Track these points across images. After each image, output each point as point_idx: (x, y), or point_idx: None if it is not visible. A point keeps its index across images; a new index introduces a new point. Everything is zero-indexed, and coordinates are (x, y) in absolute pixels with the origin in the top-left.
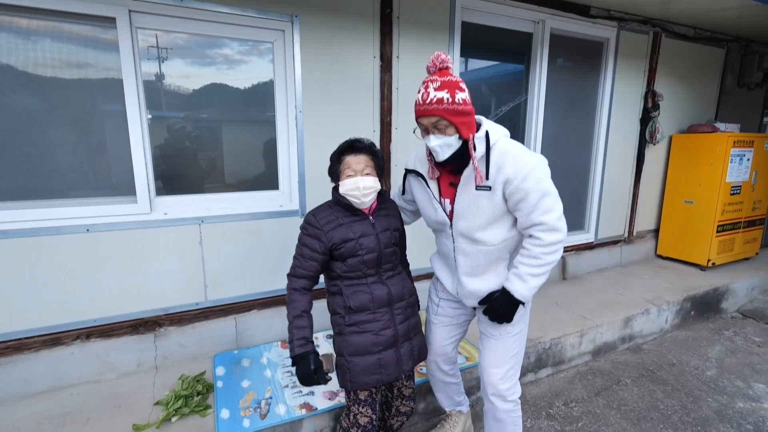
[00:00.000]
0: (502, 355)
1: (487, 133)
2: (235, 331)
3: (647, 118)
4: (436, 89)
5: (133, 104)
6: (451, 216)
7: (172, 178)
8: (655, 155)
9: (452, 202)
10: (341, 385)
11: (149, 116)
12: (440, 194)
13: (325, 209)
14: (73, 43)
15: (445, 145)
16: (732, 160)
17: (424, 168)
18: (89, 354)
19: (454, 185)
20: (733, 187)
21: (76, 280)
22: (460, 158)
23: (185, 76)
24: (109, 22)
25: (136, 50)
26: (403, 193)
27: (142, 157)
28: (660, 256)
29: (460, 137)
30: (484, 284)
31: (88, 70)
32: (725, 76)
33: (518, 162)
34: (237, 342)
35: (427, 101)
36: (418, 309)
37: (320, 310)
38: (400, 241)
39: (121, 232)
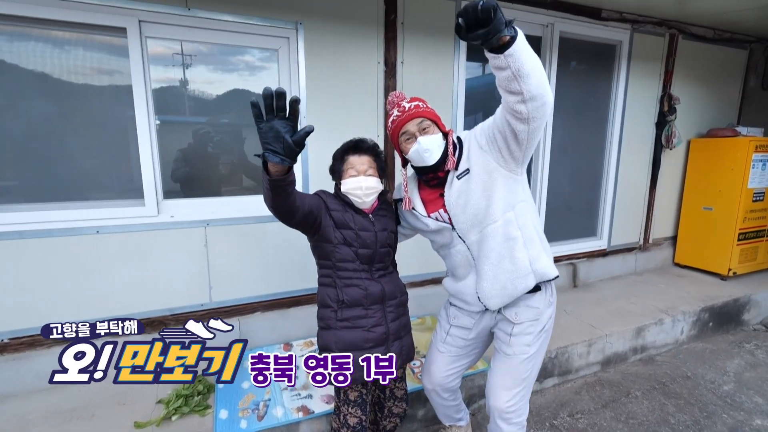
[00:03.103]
0: (514, 377)
1: (458, 137)
2: (238, 333)
3: (663, 122)
4: (408, 101)
5: (142, 110)
6: (450, 220)
7: (180, 182)
8: (672, 160)
9: (446, 210)
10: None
11: (157, 122)
12: (427, 213)
13: (333, 196)
14: (86, 50)
15: (434, 144)
16: (754, 165)
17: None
18: None
19: (443, 196)
20: (755, 193)
21: (86, 280)
22: (445, 162)
23: (208, 81)
24: (120, 32)
25: (146, 58)
26: (398, 222)
27: (150, 161)
28: (678, 265)
29: (444, 137)
30: (502, 274)
31: (100, 77)
32: (748, 79)
33: (467, 132)
34: None
35: (408, 109)
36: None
37: (310, 315)
38: (393, 243)
39: (129, 234)
